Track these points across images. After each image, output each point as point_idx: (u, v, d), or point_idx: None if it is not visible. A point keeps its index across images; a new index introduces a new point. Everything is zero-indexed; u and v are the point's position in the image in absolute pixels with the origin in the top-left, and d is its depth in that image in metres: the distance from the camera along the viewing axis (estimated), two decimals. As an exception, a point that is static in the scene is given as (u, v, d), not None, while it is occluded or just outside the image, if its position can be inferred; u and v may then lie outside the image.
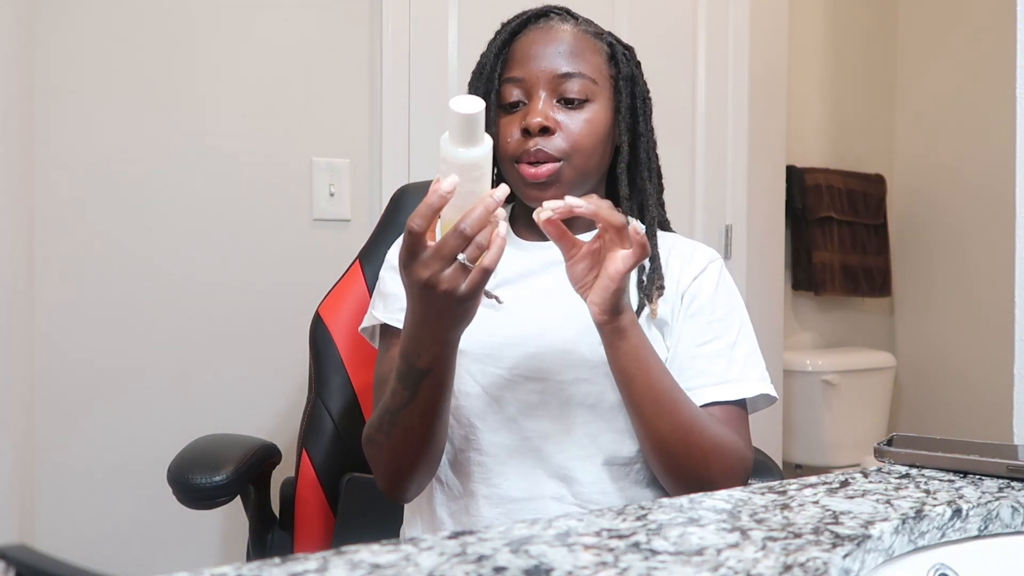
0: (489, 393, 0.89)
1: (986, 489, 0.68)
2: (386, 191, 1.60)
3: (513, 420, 0.89)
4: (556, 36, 0.91)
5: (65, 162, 1.41)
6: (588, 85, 0.90)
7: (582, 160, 0.90)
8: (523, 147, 0.89)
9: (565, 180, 0.90)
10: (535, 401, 0.89)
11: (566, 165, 0.89)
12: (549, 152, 0.88)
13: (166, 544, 1.48)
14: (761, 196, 2.17)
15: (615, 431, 0.90)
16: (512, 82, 0.91)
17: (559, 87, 0.90)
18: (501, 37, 0.94)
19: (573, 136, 0.89)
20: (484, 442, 0.89)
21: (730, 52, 2.06)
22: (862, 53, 2.76)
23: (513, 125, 0.91)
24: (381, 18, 1.64)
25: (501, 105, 0.92)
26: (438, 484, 0.93)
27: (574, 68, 0.90)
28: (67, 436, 1.42)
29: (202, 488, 0.98)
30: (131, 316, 1.46)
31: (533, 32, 0.93)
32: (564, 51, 0.90)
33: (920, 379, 2.76)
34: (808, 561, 0.50)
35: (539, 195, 0.90)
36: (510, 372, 0.89)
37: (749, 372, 0.91)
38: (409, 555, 0.50)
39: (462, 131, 0.69)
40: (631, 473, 0.91)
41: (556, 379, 0.88)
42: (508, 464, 0.88)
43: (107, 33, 1.44)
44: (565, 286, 0.92)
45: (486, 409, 0.89)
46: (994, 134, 2.43)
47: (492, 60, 0.93)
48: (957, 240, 2.64)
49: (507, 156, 0.91)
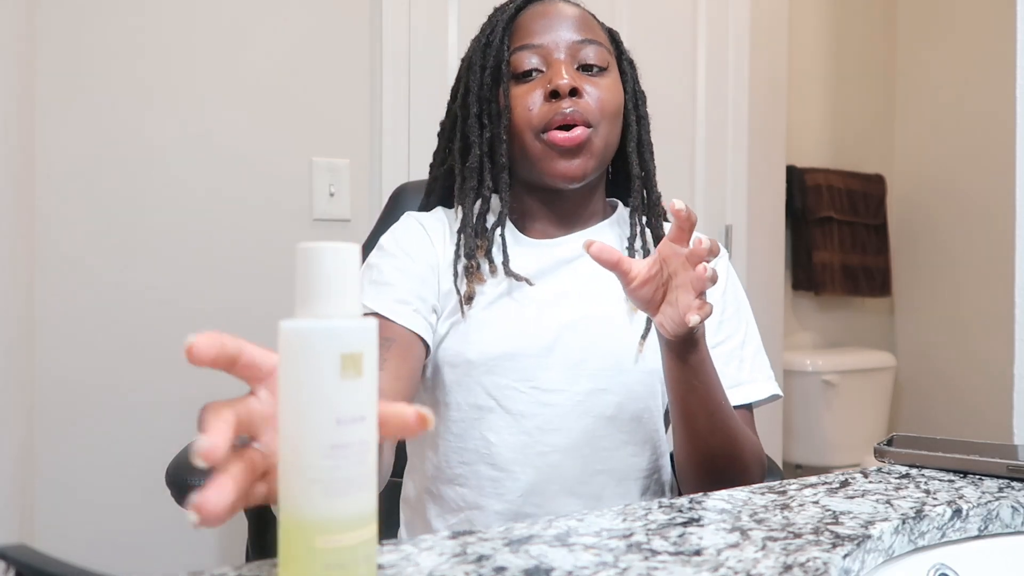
0: (503, 406, 0.85)
1: (986, 489, 0.68)
2: (386, 191, 1.60)
3: (528, 434, 0.85)
4: (564, 9, 0.90)
5: (65, 162, 1.41)
6: (604, 54, 0.89)
7: (607, 128, 0.87)
8: (553, 112, 0.84)
9: (595, 150, 0.86)
10: (550, 413, 0.85)
11: (594, 133, 0.86)
12: (581, 114, 0.84)
13: (166, 545, 1.48)
14: (761, 196, 2.17)
15: (634, 443, 0.87)
16: (527, 49, 0.87)
17: (578, 52, 0.87)
18: (507, 13, 0.91)
19: (599, 101, 0.86)
20: (498, 457, 0.85)
21: (730, 52, 2.06)
22: (862, 53, 2.76)
23: (532, 94, 0.86)
24: (381, 18, 1.64)
25: (514, 75, 0.88)
26: (429, 496, 0.90)
27: (590, 35, 0.88)
28: (67, 437, 1.42)
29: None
30: (131, 317, 1.46)
31: (538, 7, 0.91)
32: (575, 23, 0.89)
33: (920, 379, 2.76)
34: (808, 561, 0.50)
35: (567, 166, 0.85)
36: (524, 384, 0.85)
37: (757, 373, 0.90)
38: (409, 555, 0.50)
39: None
40: (651, 485, 0.89)
41: (572, 390, 0.85)
42: (521, 479, 0.85)
43: (107, 33, 1.44)
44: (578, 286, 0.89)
45: (500, 422, 0.85)
46: (994, 134, 2.43)
47: (500, 31, 0.89)
48: (957, 240, 2.64)
49: (530, 127, 0.86)
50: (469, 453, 0.86)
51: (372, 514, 0.42)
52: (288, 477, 0.41)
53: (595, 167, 0.88)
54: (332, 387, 0.41)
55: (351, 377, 0.41)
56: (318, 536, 0.40)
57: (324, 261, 0.42)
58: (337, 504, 0.41)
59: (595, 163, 0.87)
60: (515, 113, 0.87)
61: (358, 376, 0.41)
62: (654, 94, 0.98)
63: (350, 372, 0.41)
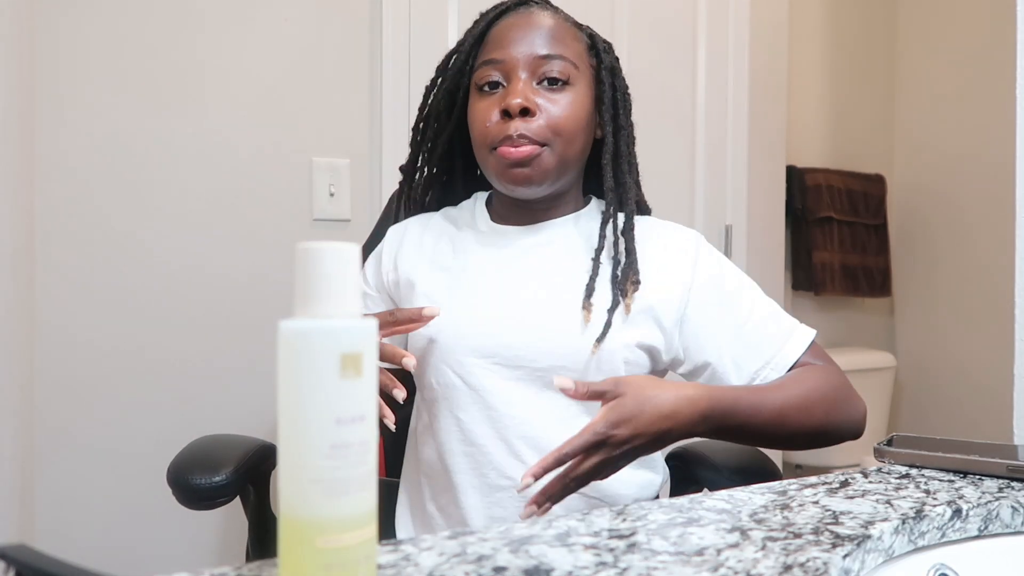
0: (468, 383, 0.89)
1: (986, 489, 0.68)
2: (386, 191, 1.60)
3: (494, 408, 0.88)
4: (536, 21, 0.90)
5: (65, 162, 1.41)
6: (569, 68, 0.89)
7: (563, 146, 0.89)
8: (503, 132, 0.87)
9: (545, 166, 0.88)
10: (515, 389, 0.88)
11: (547, 151, 0.88)
12: (531, 136, 0.86)
13: (166, 544, 1.48)
14: (761, 196, 2.17)
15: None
16: (490, 64, 0.90)
17: (539, 68, 0.88)
18: (480, 25, 0.93)
19: (555, 119, 0.87)
20: (469, 433, 0.88)
21: (730, 51, 2.06)
22: (862, 53, 2.76)
23: (491, 109, 0.89)
24: (381, 18, 1.64)
25: (478, 87, 0.91)
26: (425, 479, 0.93)
27: (555, 51, 0.89)
28: (67, 436, 1.42)
29: (201, 488, 0.98)
30: (131, 317, 1.46)
31: (513, 17, 0.92)
32: (544, 35, 0.89)
33: (920, 379, 2.76)
34: (808, 561, 0.50)
35: (519, 176, 0.88)
36: (488, 361, 0.88)
37: (788, 319, 0.92)
38: (409, 555, 0.50)
39: None
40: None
41: (533, 366, 0.87)
42: (494, 454, 0.88)
43: (107, 33, 1.44)
44: (541, 272, 0.92)
45: (467, 400, 0.89)
46: (994, 134, 2.43)
47: (469, 45, 0.92)
48: (957, 240, 2.64)
49: (485, 143, 0.89)
50: (444, 432, 0.90)
51: (372, 514, 0.42)
52: (288, 477, 0.41)
53: (550, 180, 0.90)
54: (332, 387, 0.41)
55: (351, 377, 0.41)
56: (318, 536, 0.40)
57: (324, 261, 0.42)
58: (337, 504, 0.41)
59: (550, 177, 0.90)
60: (473, 127, 0.91)
61: (358, 376, 0.41)
62: (654, 94, 0.98)
63: (350, 372, 0.41)
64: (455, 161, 1.03)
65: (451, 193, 1.05)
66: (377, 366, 0.72)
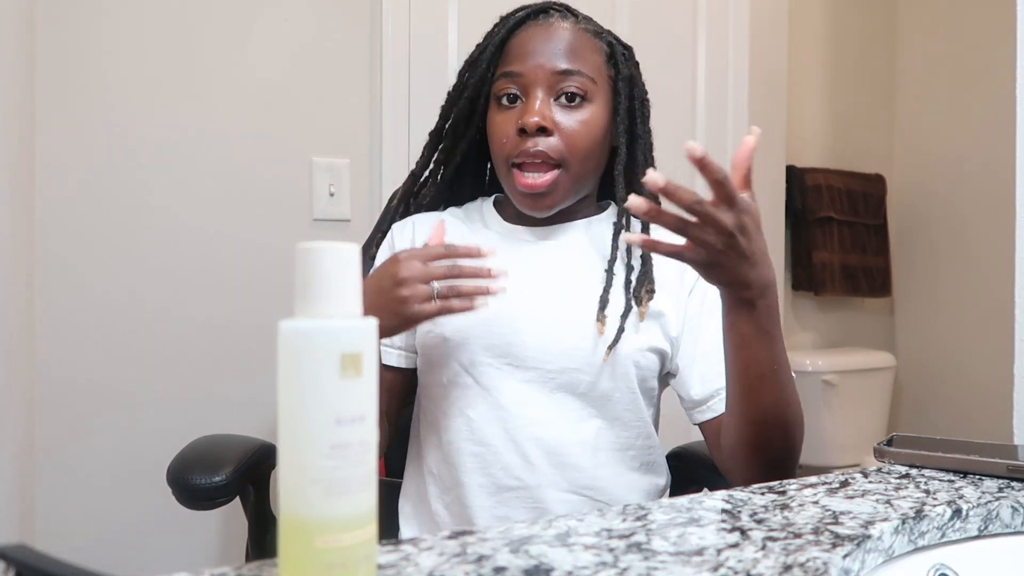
0: (480, 382, 0.89)
1: (986, 489, 0.68)
2: (386, 191, 1.60)
3: (505, 408, 0.88)
4: (555, 33, 0.90)
5: (65, 162, 1.41)
6: (587, 83, 0.90)
7: (579, 165, 0.90)
8: (520, 147, 0.88)
9: (562, 191, 0.90)
10: (526, 390, 0.88)
11: (563, 174, 0.89)
12: (548, 153, 0.87)
13: (166, 544, 1.48)
14: (761, 196, 2.14)
15: (605, 418, 0.89)
16: (509, 77, 0.90)
17: (557, 84, 0.89)
18: (500, 33, 0.93)
19: (571, 138, 0.88)
20: (478, 432, 0.89)
21: (730, 51, 2.06)
22: (862, 53, 2.76)
23: (508, 124, 0.90)
24: (381, 18, 1.64)
25: (497, 98, 0.92)
26: (431, 477, 0.93)
27: (573, 66, 0.89)
28: (67, 436, 1.42)
29: (201, 488, 0.98)
30: (131, 316, 1.46)
31: (532, 28, 0.92)
32: (563, 48, 0.90)
33: (920, 379, 2.76)
34: (808, 561, 0.50)
35: (536, 204, 0.90)
36: (500, 361, 0.89)
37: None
38: (409, 555, 0.50)
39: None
40: (624, 459, 0.91)
41: (544, 368, 0.88)
42: (504, 454, 0.88)
43: (107, 33, 1.44)
44: (555, 274, 0.92)
45: (477, 399, 0.89)
46: (994, 134, 2.43)
47: (489, 54, 0.93)
48: (957, 240, 2.64)
49: (503, 157, 0.90)
50: (453, 431, 0.90)
51: (372, 514, 0.42)
52: (288, 477, 0.41)
53: (566, 200, 0.92)
54: (332, 387, 0.41)
55: (351, 377, 0.41)
56: (318, 536, 0.40)
57: (324, 261, 0.42)
58: (337, 504, 0.41)
59: (566, 198, 0.92)
60: (492, 140, 0.92)
61: (358, 376, 0.41)
62: (654, 93, 0.98)
63: (350, 372, 0.41)
64: (467, 166, 1.03)
65: (455, 196, 1.05)
66: (422, 310, 0.76)
